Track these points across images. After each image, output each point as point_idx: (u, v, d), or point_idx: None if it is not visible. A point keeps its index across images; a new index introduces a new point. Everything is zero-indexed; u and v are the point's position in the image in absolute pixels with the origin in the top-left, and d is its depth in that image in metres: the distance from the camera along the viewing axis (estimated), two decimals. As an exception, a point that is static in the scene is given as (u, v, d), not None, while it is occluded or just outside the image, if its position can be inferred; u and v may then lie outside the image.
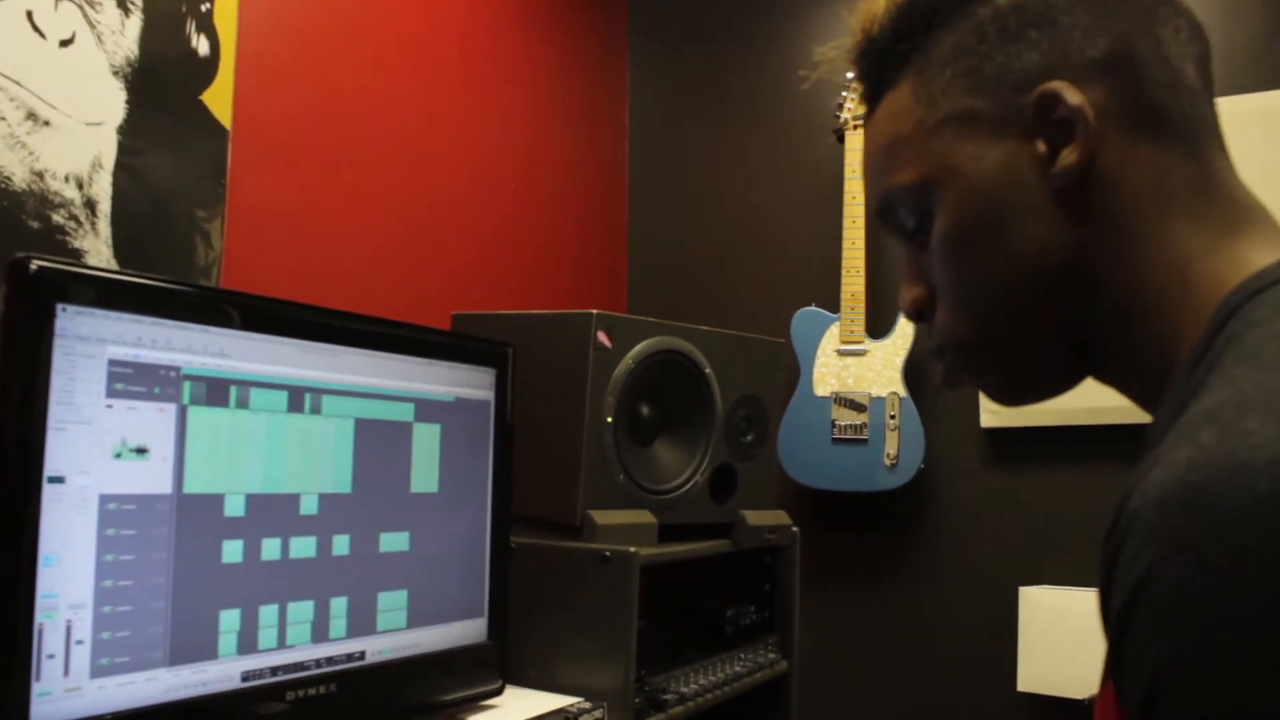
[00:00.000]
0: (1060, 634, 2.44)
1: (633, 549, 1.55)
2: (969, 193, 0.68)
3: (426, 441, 1.34)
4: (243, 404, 1.12)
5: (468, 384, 1.42)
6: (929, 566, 2.75)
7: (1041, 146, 0.66)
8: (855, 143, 2.77)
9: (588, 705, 1.50)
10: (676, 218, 3.18)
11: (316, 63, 2.04)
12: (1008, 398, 0.75)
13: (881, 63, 0.74)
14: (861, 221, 2.73)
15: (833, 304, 2.76)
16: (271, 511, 1.14)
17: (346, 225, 2.11)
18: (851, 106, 2.80)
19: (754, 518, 1.88)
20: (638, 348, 1.69)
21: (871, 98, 0.76)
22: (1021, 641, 2.50)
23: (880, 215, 0.76)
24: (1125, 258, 0.65)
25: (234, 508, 1.11)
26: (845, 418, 2.69)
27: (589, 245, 3.05)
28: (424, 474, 1.34)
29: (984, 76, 0.68)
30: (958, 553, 2.72)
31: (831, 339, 2.75)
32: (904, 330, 2.71)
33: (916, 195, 0.71)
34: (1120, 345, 0.67)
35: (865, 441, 2.67)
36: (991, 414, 2.67)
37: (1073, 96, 0.65)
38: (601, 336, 1.65)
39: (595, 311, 1.64)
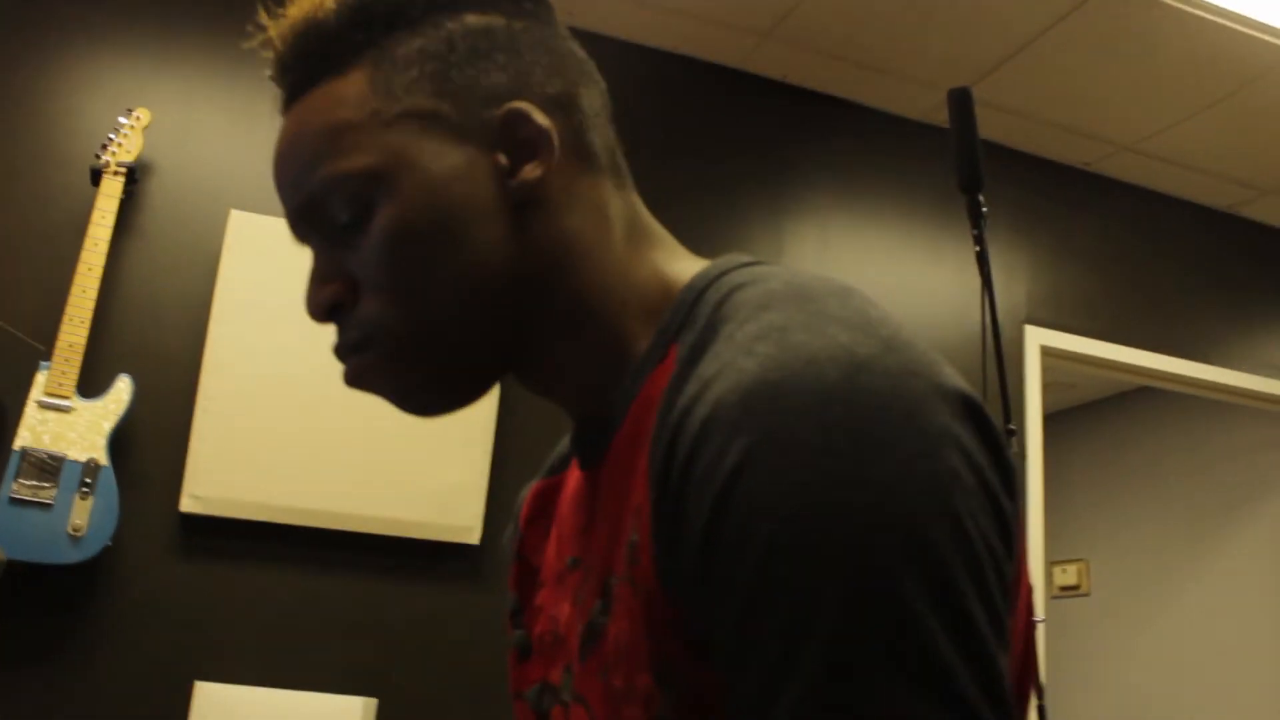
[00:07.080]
0: (236, 728, 2.39)
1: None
2: (425, 188, 0.68)
3: None
4: None
5: None
6: (103, 652, 2.49)
7: (503, 159, 0.70)
8: (111, 189, 2.58)
9: None
10: None
11: None
12: (424, 399, 0.74)
13: (328, 46, 0.71)
14: (99, 271, 2.52)
15: (46, 350, 2.47)
16: None
17: None
18: (116, 151, 2.61)
19: None
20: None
21: (307, 80, 0.72)
22: (190, 737, 2.38)
23: (305, 207, 0.71)
24: (574, 270, 0.71)
25: None
26: (31, 476, 2.38)
27: None
28: None
29: (452, 84, 0.70)
30: (136, 639, 2.51)
31: (36, 388, 2.44)
32: (119, 395, 2.52)
33: (361, 184, 0.69)
34: (565, 349, 0.73)
35: (50, 506, 2.38)
36: (193, 499, 2.58)
37: (541, 119, 0.70)
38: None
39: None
